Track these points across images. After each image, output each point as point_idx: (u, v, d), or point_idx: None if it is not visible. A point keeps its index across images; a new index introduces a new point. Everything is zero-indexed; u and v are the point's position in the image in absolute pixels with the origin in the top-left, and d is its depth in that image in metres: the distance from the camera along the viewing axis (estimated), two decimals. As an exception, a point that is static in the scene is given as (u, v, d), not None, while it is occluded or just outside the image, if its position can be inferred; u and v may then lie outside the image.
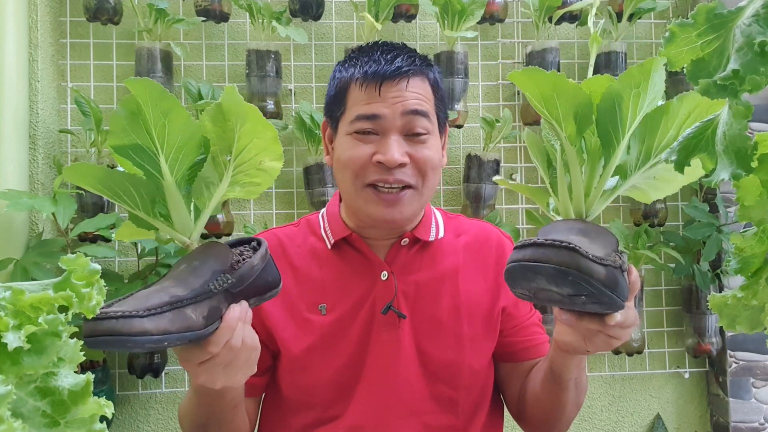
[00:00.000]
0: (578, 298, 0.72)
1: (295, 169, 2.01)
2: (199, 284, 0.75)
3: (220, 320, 0.76)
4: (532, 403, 1.04)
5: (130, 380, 1.92)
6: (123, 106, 0.76)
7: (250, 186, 0.84)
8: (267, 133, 0.80)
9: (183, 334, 0.71)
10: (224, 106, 0.79)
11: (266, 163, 0.82)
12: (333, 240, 1.05)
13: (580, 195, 0.81)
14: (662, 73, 0.76)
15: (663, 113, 0.78)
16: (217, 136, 0.81)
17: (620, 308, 0.76)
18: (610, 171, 0.80)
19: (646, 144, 0.80)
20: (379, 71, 0.96)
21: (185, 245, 0.82)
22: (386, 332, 1.01)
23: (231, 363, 0.78)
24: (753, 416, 2.03)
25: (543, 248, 0.70)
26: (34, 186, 1.84)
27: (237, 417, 0.97)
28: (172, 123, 0.76)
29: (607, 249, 0.74)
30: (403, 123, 0.96)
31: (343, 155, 0.98)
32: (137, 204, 0.80)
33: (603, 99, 0.78)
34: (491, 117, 1.96)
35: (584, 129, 0.79)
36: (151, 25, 1.88)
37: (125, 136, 0.76)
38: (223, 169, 0.82)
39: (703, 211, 1.95)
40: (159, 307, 0.70)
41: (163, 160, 0.78)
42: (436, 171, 1.00)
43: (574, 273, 0.69)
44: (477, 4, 1.90)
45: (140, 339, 0.67)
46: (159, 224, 0.81)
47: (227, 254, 0.79)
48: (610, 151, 0.79)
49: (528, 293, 0.76)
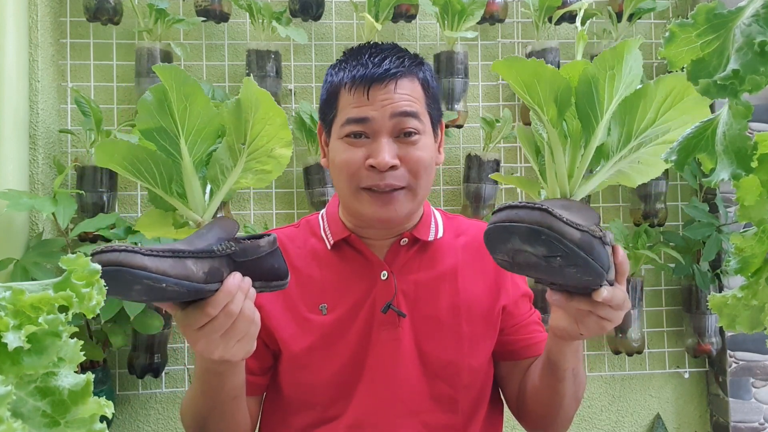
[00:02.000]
0: (554, 259, 0.74)
1: (295, 169, 2.01)
2: (202, 245, 0.78)
3: (220, 284, 0.78)
4: (532, 397, 1.05)
5: (130, 380, 1.92)
6: (152, 92, 0.83)
7: (261, 174, 0.90)
8: (277, 119, 0.86)
9: (181, 281, 0.73)
10: (242, 97, 0.85)
11: (277, 150, 0.88)
12: (332, 241, 1.06)
13: (563, 176, 0.84)
14: (637, 56, 0.80)
15: (641, 96, 0.82)
16: (233, 126, 0.86)
17: (600, 276, 0.77)
18: (590, 151, 0.83)
19: (626, 126, 0.84)
20: (366, 74, 0.96)
21: (197, 223, 0.87)
22: (386, 331, 1.01)
23: (229, 332, 0.79)
24: (753, 416, 2.03)
25: (516, 209, 0.74)
26: (34, 186, 1.84)
27: (238, 411, 0.97)
28: (192, 105, 0.83)
29: (587, 222, 0.76)
30: (392, 125, 0.96)
31: (337, 159, 0.99)
32: (156, 181, 0.85)
33: (580, 82, 0.82)
34: (491, 117, 1.96)
35: (564, 111, 0.82)
36: (151, 25, 1.88)
37: (152, 120, 0.83)
38: (237, 156, 0.88)
39: (703, 211, 1.95)
40: (161, 251, 0.73)
41: (183, 142, 0.85)
42: (429, 171, 1.00)
43: (546, 231, 0.71)
44: (477, 4, 1.90)
45: (138, 273, 0.70)
46: (174, 202, 0.87)
47: (234, 226, 0.83)
48: (590, 131, 0.83)
49: (507, 257, 0.78)
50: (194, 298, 0.78)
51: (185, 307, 0.79)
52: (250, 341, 0.83)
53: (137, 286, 0.71)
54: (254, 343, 0.84)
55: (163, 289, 0.72)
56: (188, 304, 0.79)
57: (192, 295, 0.76)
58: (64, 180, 1.87)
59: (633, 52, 0.79)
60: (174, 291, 0.73)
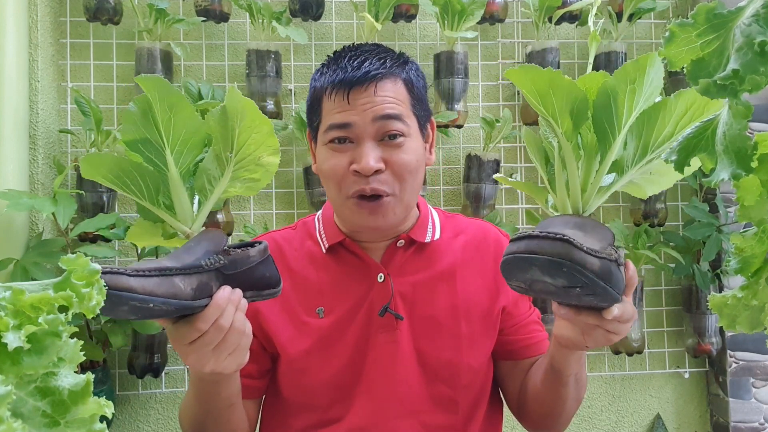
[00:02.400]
0: (573, 289, 0.73)
1: (295, 169, 2.01)
2: (190, 260, 0.77)
3: (210, 299, 0.77)
4: (533, 399, 1.05)
5: (130, 380, 1.92)
6: (136, 103, 0.82)
7: (249, 182, 0.88)
8: (263, 127, 0.85)
9: (169, 300, 0.72)
10: (227, 106, 0.83)
11: (264, 158, 0.87)
12: (327, 245, 1.06)
13: (576, 190, 0.82)
14: (659, 69, 0.77)
15: (660, 109, 0.79)
16: (220, 135, 0.85)
17: (616, 301, 0.76)
18: (606, 166, 0.81)
19: (643, 140, 0.81)
20: (345, 79, 0.95)
21: (186, 235, 0.85)
22: (384, 334, 1.01)
23: (220, 345, 0.79)
24: (753, 416, 2.03)
25: (537, 240, 0.72)
26: (34, 186, 1.84)
27: (234, 417, 0.97)
28: (177, 116, 0.81)
29: (602, 243, 0.75)
30: (375, 129, 0.95)
31: (324, 166, 0.98)
32: (143, 194, 0.84)
33: (599, 95, 0.79)
34: (491, 117, 1.96)
35: (580, 125, 0.80)
36: (151, 25, 1.88)
37: (136, 131, 0.82)
38: (225, 165, 0.86)
39: (703, 211, 1.95)
40: (146, 270, 0.72)
41: (168, 153, 0.83)
42: (416, 174, 0.98)
43: (568, 264, 0.70)
44: (477, 4, 1.90)
45: (125, 295, 0.69)
46: (162, 213, 0.85)
47: (222, 238, 0.82)
48: (606, 146, 0.80)
49: (524, 285, 0.77)
50: (184, 314, 0.77)
51: (176, 322, 0.79)
52: (242, 353, 0.83)
53: (123, 307, 0.70)
54: (246, 355, 0.83)
55: (151, 308, 0.71)
56: (179, 318, 0.78)
57: (181, 311, 0.75)
58: (64, 180, 1.87)
59: (656, 65, 0.76)
60: (162, 310, 0.72)
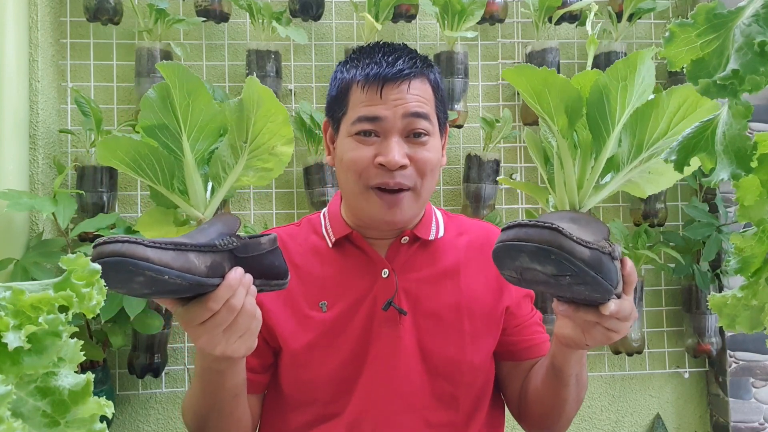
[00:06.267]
0: (563, 278, 0.73)
1: (295, 169, 2.01)
2: (204, 239, 0.78)
3: (222, 279, 0.78)
4: (534, 399, 1.05)
5: (130, 380, 1.92)
6: (155, 89, 0.83)
7: (262, 171, 0.90)
8: (279, 116, 0.87)
9: (183, 273, 0.72)
10: (244, 96, 0.85)
11: (278, 147, 0.89)
12: (334, 238, 1.06)
13: (573, 187, 0.83)
14: (650, 67, 0.78)
15: (653, 106, 0.81)
16: (235, 124, 0.87)
17: (608, 292, 0.77)
18: (601, 163, 0.82)
19: (638, 137, 0.82)
20: (380, 73, 0.97)
21: (198, 221, 0.87)
22: (387, 329, 1.02)
23: (231, 327, 0.80)
24: (753, 416, 2.03)
25: (526, 228, 0.73)
26: (34, 186, 1.84)
27: (238, 409, 0.97)
28: (195, 102, 0.83)
29: (596, 236, 0.76)
30: (403, 125, 0.97)
31: (345, 157, 0.99)
32: (158, 178, 0.86)
33: (591, 92, 0.81)
34: (491, 117, 1.96)
35: (575, 122, 0.81)
36: (151, 25, 1.88)
37: (154, 117, 0.84)
38: (239, 153, 0.88)
39: (702, 211, 1.95)
40: (163, 243, 0.72)
41: (185, 139, 0.85)
42: (435, 172, 1.00)
43: (556, 251, 0.71)
44: (477, 4, 1.90)
45: (141, 263, 0.69)
46: (176, 198, 0.87)
47: (235, 222, 0.84)
48: (601, 143, 0.82)
49: (515, 274, 0.78)
50: (195, 293, 0.78)
51: (186, 303, 0.79)
52: (252, 337, 0.83)
53: (139, 277, 0.70)
54: (255, 339, 0.84)
55: (165, 281, 0.71)
56: (189, 300, 0.79)
57: (193, 288, 0.76)
58: (64, 180, 1.87)
59: (646, 62, 0.77)
60: (176, 284, 0.72)
